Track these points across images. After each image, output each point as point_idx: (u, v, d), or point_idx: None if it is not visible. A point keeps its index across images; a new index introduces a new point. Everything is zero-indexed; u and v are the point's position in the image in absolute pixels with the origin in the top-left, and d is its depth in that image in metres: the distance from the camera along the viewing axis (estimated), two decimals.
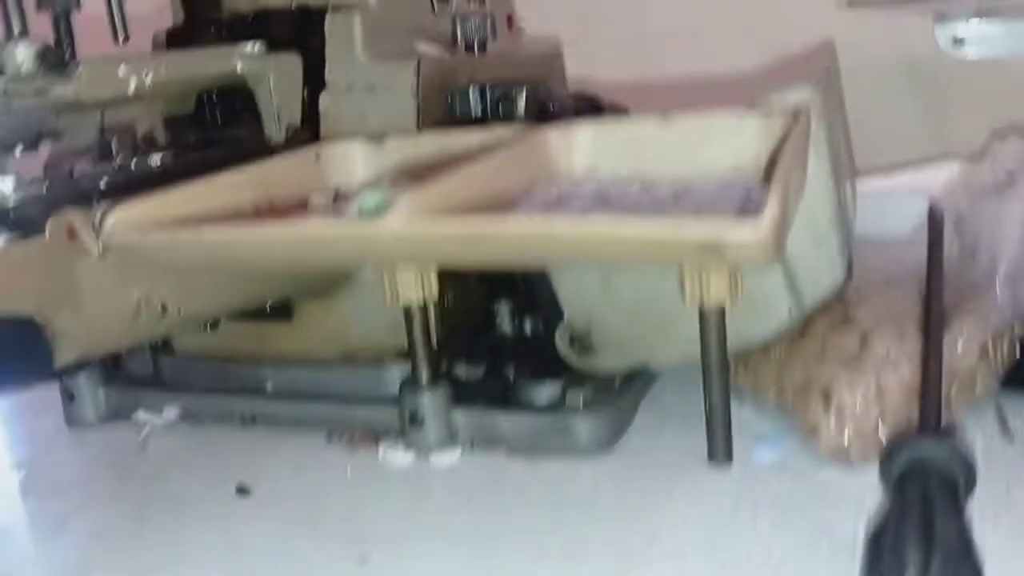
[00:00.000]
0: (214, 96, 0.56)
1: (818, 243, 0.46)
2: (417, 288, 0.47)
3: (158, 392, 0.60)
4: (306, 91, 0.56)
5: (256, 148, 0.52)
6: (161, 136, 0.55)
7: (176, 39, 0.59)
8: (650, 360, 0.51)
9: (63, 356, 0.40)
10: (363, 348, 0.57)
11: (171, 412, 0.59)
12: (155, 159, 0.47)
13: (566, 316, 0.51)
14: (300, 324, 0.57)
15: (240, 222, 0.39)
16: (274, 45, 0.56)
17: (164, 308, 0.44)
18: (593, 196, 0.41)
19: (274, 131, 0.53)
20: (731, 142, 0.44)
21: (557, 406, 0.50)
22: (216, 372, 0.59)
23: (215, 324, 0.53)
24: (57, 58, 0.42)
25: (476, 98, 0.56)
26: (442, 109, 0.55)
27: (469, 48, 0.61)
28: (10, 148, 0.41)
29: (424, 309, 0.50)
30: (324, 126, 0.55)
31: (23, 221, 0.39)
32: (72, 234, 0.41)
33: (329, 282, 0.55)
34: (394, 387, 0.54)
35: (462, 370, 0.55)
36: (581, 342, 0.51)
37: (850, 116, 0.87)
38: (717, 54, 0.94)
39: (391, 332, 0.54)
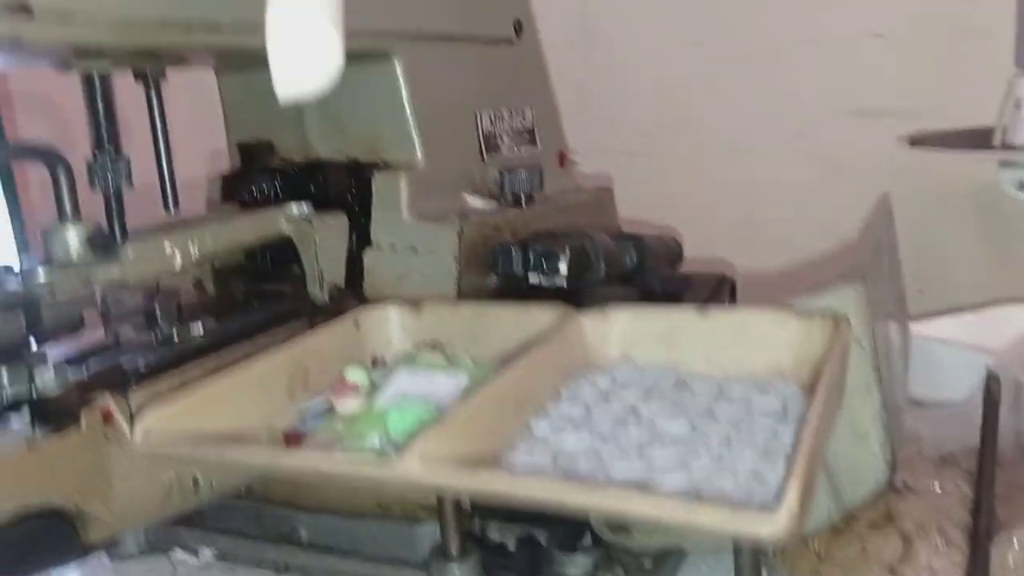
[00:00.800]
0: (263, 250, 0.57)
1: (860, 440, 0.45)
2: None
3: (196, 531, 0.60)
4: (354, 240, 0.57)
5: (298, 309, 0.53)
6: (209, 285, 0.56)
7: (232, 184, 0.61)
8: (683, 542, 0.50)
9: (91, 538, 0.41)
10: (398, 502, 0.57)
11: (207, 553, 0.59)
12: (198, 327, 0.48)
13: None
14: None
15: (263, 448, 0.39)
16: (325, 196, 0.57)
17: (196, 483, 0.45)
18: (625, 408, 0.40)
19: (317, 292, 0.54)
20: (770, 342, 0.43)
21: None
22: (253, 515, 0.59)
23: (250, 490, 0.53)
24: (105, 241, 0.44)
25: (519, 258, 0.56)
26: (485, 266, 0.56)
27: (516, 200, 0.61)
28: (53, 336, 0.41)
29: None
30: (367, 283, 0.56)
31: (61, 409, 0.40)
32: (108, 419, 0.42)
33: None
34: (424, 548, 0.54)
35: (495, 531, 0.54)
36: (616, 521, 0.50)
37: (910, 245, 0.86)
38: (770, 194, 0.94)
39: (393, 488, 0.54)
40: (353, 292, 0.55)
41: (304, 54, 0.37)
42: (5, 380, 0.38)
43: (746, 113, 0.94)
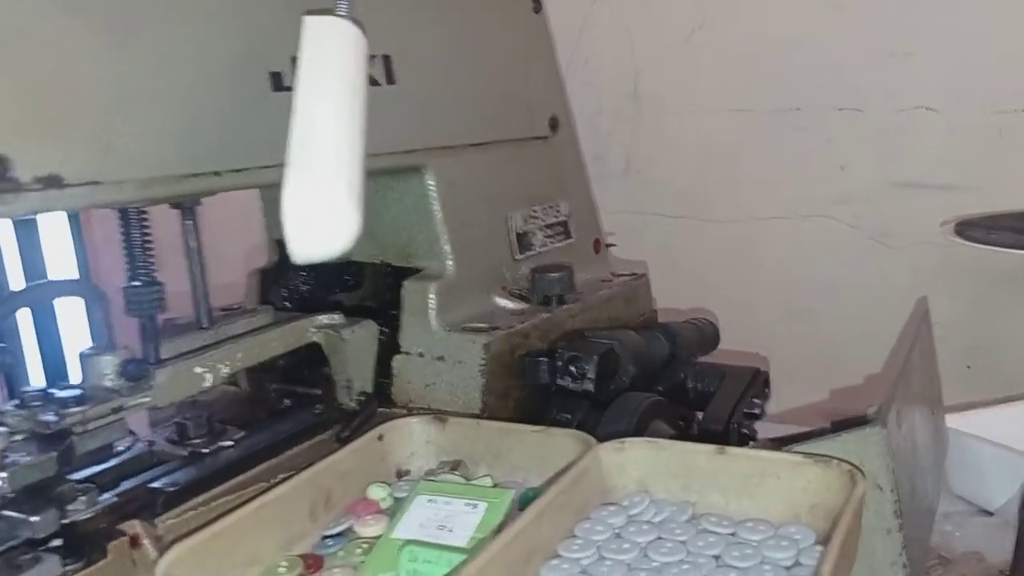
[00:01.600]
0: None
1: None
2: None
3: None
4: (386, 339, 0.58)
5: (327, 419, 0.54)
6: (243, 381, 0.58)
7: (269, 276, 0.62)
8: None
9: None
10: None
11: None
12: (228, 439, 0.49)
13: None
14: None
15: None
16: (360, 294, 0.59)
17: None
18: (637, 553, 0.41)
19: (345, 399, 0.55)
20: (787, 486, 0.43)
21: None
22: None
23: None
24: (138, 369, 0.45)
25: (546, 368, 0.56)
26: (513, 373, 0.56)
27: (546, 301, 0.61)
28: (84, 465, 0.43)
29: None
30: (395, 387, 0.57)
31: (90, 540, 0.42)
32: (137, 544, 0.43)
33: None
34: None
35: None
36: None
37: (958, 319, 0.84)
38: (813, 262, 0.93)
39: None
40: (381, 396, 0.56)
41: (319, 223, 0.38)
42: (36, 518, 0.40)
43: (792, 181, 0.93)
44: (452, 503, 0.47)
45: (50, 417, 0.42)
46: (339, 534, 0.46)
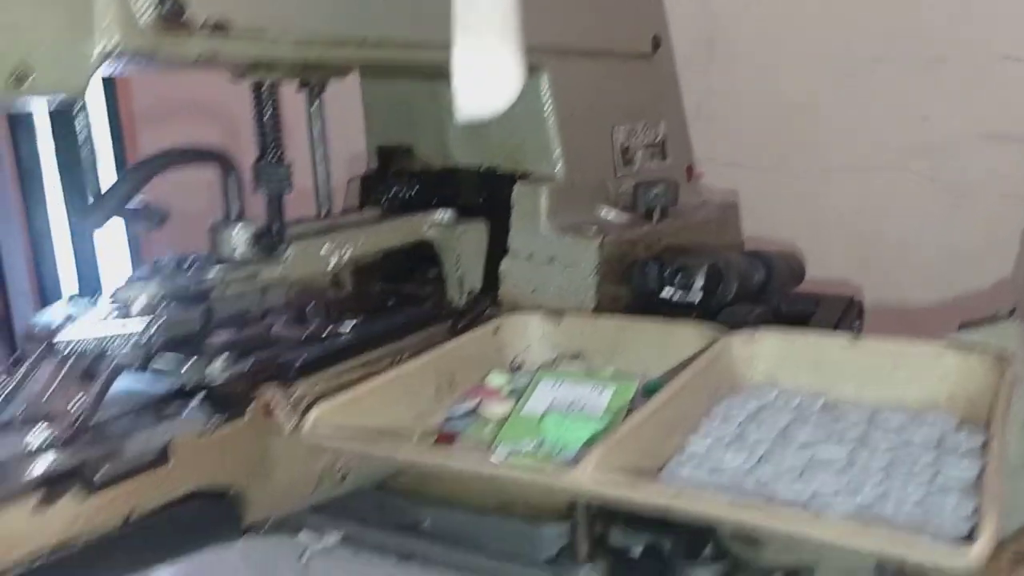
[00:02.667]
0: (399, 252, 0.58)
1: (1015, 473, 0.44)
2: None
3: (321, 514, 0.62)
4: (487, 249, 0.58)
5: (439, 313, 0.54)
6: (348, 282, 0.58)
7: (370, 186, 0.62)
8: (816, 563, 0.49)
9: (249, 519, 0.43)
10: (519, 502, 0.57)
11: (332, 537, 0.61)
12: (346, 326, 0.49)
13: None
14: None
15: (431, 448, 0.41)
16: (461, 202, 0.59)
17: (344, 477, 0.47)
18: (776, 431, 0.41)
19: (456, 295, 0.55)
20: (925, 374, 0.43)
21: None
22: (377, 504, 0.61)
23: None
24: (269, 241, 0.45)
25: (655, 273, 0.56)
26: (619, 279, 0.56)
27: (649, 214, 0.61)
28: (222, 328, 0.43)
29: None
30: (502, 290, 0.57)
31: (231, 399, 0.42)
32: (268, 411, 0.43)
33: None
34: (548, 548, 0.54)
35: (618, 538, 0.55)
36: (748, 535, 0.50)
37: None
38: (892, 216, 0.92)
39: (549, 492, 0.55)
40: (488, 298, 0.56)
41: (487, 78, 0.38)
42: (184, 368, 0.40)
43: (871, 132, 0.92)
44: (578, 387, 0.47)
45: (190, 280, 0.43)
46: (465, 414, 0.47)
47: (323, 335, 0.49)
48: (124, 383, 0.40)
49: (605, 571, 0.51)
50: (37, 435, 0.36)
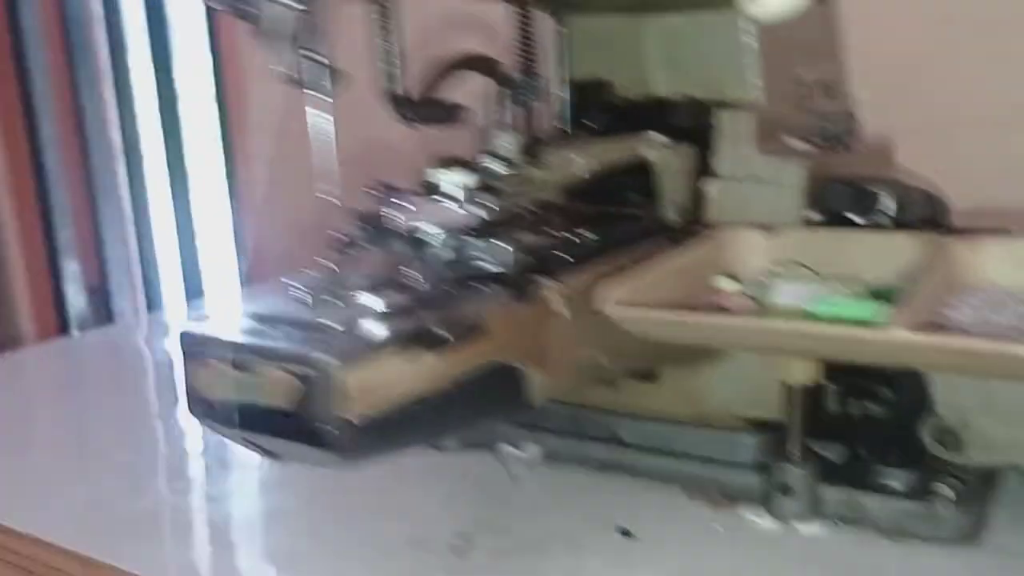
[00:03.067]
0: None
1: None
2: (807, 371, 0.52)
3: (515, 429, 0.66)
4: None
5: (656, 227, 0.58)
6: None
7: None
8: (1022, 462, 0.54)
9: (535, 399, 0.47)
10: (716, 414, 0.62)
11: (533, 449, 0.65)
12: (589, 234, 0.54)
13: (938, 411, 0.54)
14: (661, 385, 0.62)
15: (728, 315, 0.45)
16: (662, 130, 0.63)
17: (600, 366, 0.51)
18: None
19: (670, 213, 0.59)
20: None
21: (925, 493, 0.54)
22: (571, 418, 0.65)
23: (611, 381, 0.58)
24: (532, 149, 0.50)
25: (846, 195, 0.60)
26: (815, 201, 0.60)
27: (829, 144, 0.65)
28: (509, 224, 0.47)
29: (806, 390, 0.54)
30: (709, 212, 0.61)
31: (520, 284, 0.46)
32: (550, 294, 0.48)
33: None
34: (745, 454, 0.59)
35: (818, 447, 0.59)
36: (950, 437, 0.54)
37: None
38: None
39: (747, 403, 0.59)
40: (698, 216, 0.60)
41: None
42: (489, 255, 0.45)
43: (986, 94, 0.95)
44: (816, 287, 0.51)
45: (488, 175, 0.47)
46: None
47: (571, 240, 0.53)
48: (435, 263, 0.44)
49: (815, 471, 0.56)
50: (386, 300, 0.41)
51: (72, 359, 1.05)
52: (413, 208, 0.43)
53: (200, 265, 1.82)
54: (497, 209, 0.45)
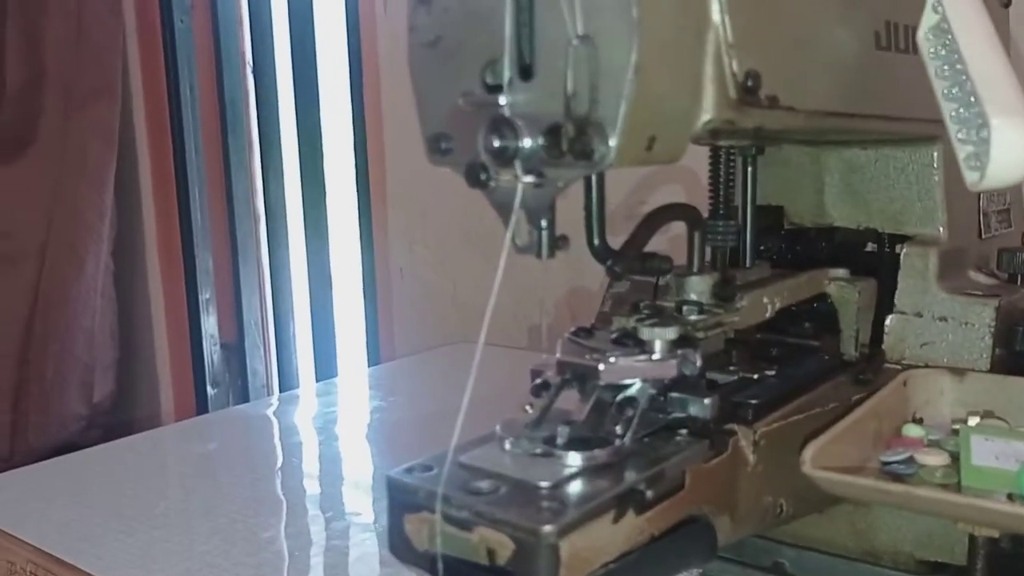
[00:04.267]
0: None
1: None
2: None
3: None
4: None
5: (839, 364, 0.58)
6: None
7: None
8: None
9: (720, 545, 0.47)
10: (887, 552, 0.60)
11: (691, 574, 0.65)
12: (767, 371, 0.53)
13: None
14: (830, 516, 0.61)
15: (930, 488, 0.44)
16: (835, 261, 0.62)
17: (782, 510, 0.50)
18: None
19: (850, 349, 0.59)
20: None
21: None
22: (735, 542, 0.64)
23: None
24: (730, 291, 0.50)
25: None
26: (1007, 342, 0.59)
27: (1014, 279, 0.64)
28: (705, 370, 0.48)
29: (990, 540, 0.52)
30: (888, 345, 0.60)
31: (714, 433, 0.46)
32: (740, 443, 0.48)
33: None
34: None
35: None
36: None
37: None
38: None
39: (918, 544, 0.58)
40: (880, 352, 0.59)
41: (1005, 149, 0.41)
42: (687, 408, 0.45)
43: None
44: (1013, 443, 0.49)
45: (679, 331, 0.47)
46: (902, 461, 0.50)
47: (754, 375, 0.53)
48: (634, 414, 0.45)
49: None
50: (589, 456, 0.41)
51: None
52: (613, 360, 0.43)
53: (333, 329, 1.88)
54: (697, 365, 0.45)
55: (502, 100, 0.38)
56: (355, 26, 1.58)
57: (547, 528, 0.36)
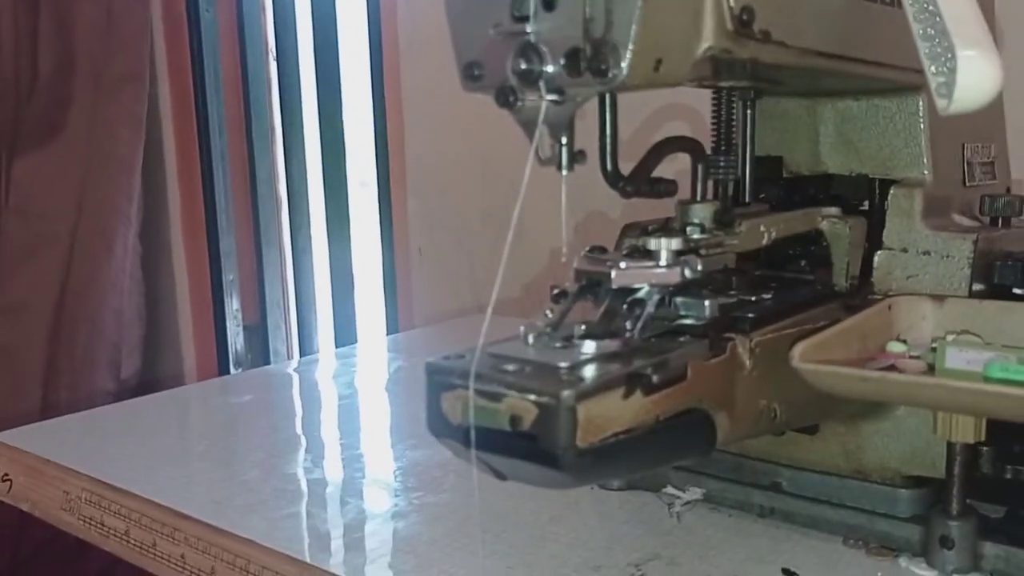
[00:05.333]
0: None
1: None
2: (972, 430, 0.55)
3: (682, 472, 0.71)
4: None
5: (830, 294, 0.63)
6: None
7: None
8: None
9: (720, 442, 0.52)
10: (875, 470, 0.65)
11: (695, 492, 0.71)
12: (764, 295, 0.59)
13: None
14: (822, 438, 0.67)
15: (909, 374, 0.49)
16: (830, 203, 0.68)
17: (775, 415, 0.56)
18: None
19: (841, 281, 0.64)
20: None
21: None
22: (733, 465, 0.70)
23: (781, 432, 0.63)
24: (729, 218, 0.56)
25: (1014, 270, 0.64)
26: (984, 277, 0.64)
27: (995, 222, 0.69)
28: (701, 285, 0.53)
29: (971, 447, 0.58)
30: (875, 278, 0.65)
31: (713, 337, 0.52)
32: (736, 348, 0.53)
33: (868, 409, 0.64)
34: (904, 508, 0.63)
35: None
36: None
37: None
38: None
39: (903, 460, 0.63)
40: (868, 284, 0.65)
41: (971, 75, 0.47)
42: (690, 311, 0.51)
43: None
44: (984, 352, 0.55)
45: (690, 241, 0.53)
46: (883, 368, 0.55)
47: (751, 297, 0.59)
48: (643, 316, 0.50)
49: (975, 526, 0.59)
50: (603, 346, 0.47)
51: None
52: (624, 267, 0.49)
53: (353, 310, 1.94)
54: (698, 270, 0.51)
55: (528, 28, 0.44)
56: (376, 12, 1.64)
57: (566, 393, 0.42)
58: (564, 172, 0.44)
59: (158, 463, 0.84)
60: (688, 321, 0.51)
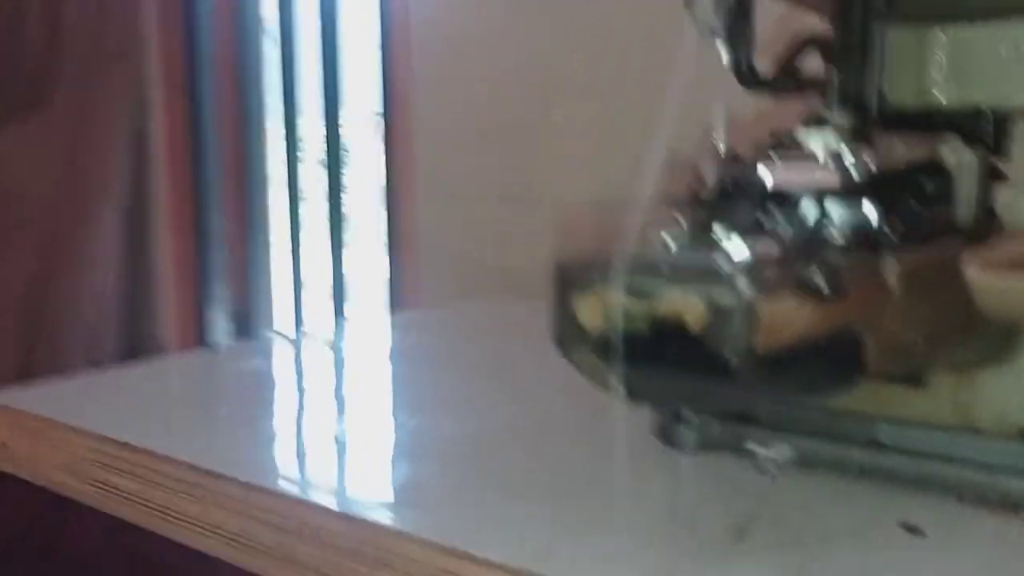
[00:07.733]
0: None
1: None
2: None
3: (764, 430, 0.65)
4: None
5: (953, 227, 0.58)
6: None
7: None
8: None
9: (867, 371, 0.47)
10: (991, 422, 0.60)
11: (785, 450, 0.64)
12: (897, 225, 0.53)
13: None
14: (930, 390, 0.61)
15: None
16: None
17: (916, 349, 0.50)
18: None
19: (964, 214, 0.59)
20: None
21: None
22: (822, 419, 0.63)
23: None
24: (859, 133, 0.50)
25: None
26: None
27: None
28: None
29: None
30: (1001, 216, 0.60)
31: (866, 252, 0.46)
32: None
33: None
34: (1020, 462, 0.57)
35: None
36: None
37: None
38: None
39: (1021, 413, 0.58)
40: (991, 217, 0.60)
41: None
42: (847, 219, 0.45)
43: None
44: None
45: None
46: None
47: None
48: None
49: None
50: (762, 247, 0.41)
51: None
52: (780, 166, 0.43)
53: (345, 298, 1.86)
54: (872, 171, 0.45)
55: None
56: None
57: (750, 291, 0.36)
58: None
59: (175, 420, 0.77)
60: (847, 233, 0.46)
